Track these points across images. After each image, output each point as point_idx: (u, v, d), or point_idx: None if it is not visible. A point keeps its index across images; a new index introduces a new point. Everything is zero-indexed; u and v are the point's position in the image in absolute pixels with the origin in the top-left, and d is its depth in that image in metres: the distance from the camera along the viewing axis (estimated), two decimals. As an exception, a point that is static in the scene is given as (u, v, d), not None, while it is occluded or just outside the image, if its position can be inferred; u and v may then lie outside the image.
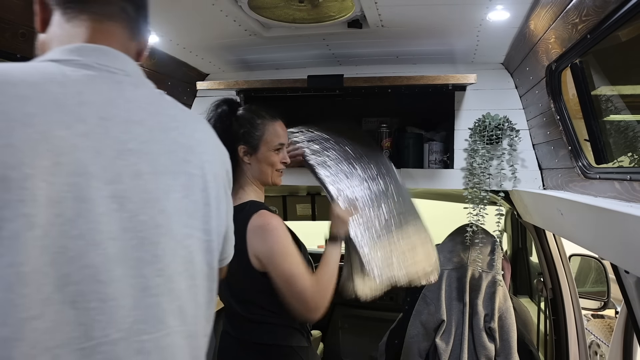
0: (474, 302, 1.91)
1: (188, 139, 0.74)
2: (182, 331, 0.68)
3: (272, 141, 1.45)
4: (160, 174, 0.68)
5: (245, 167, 1.45)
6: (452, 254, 2.03)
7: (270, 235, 1.31)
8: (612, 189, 1.14)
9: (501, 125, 1.84)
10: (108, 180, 0.62)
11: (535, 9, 1.32)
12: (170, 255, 0.67)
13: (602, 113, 1.30)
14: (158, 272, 0.65)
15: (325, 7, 1.47)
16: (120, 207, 0.62)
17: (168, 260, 0.66)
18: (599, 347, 3.11)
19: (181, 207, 0.70)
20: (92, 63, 0.67)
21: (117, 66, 0.69)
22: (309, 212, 3.36)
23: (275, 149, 1.45)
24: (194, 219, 0.72)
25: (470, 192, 1.87)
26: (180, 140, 0.72)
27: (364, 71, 2.07)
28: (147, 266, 0.64)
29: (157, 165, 0.68)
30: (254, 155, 1.44)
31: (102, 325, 0.59)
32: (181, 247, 0.69)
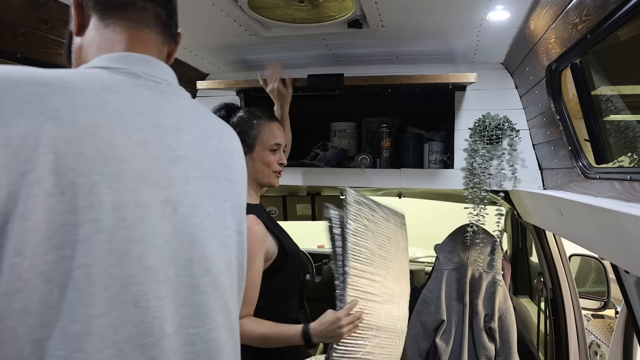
0: (474, 302, 1.91)
1: (227, 145, 0.79)
2: (226, 326, 0.73)
3: (267, 141, 1.45)
4: (205, 179, 0.72)
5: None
6: (452, 254, 2.03)
7: None
8: (612, 189, 1.14)
9: (501, 125, 1.84)
10: (163, 186, 0.66)
11: (535, 9, 1.32)
12: (215, 255, 0.72)
13: (602, 113, 1.30)
14: (205, 271, 0.70)
15: (325, 7, 1.47)
16: (174, 211, 0.67)
17: (214, 260, 0.71)
18: (599, 347, 3.11)
19: (223, 210, 0.75)
20: (139, 72, 0.70)
21: (161, 76, 0.73)
22: (309, 212, 3.36)
23: (271, 149, 1.46)
24: (232, 222, 0.77)
25: (470, 192, 1.87)
26: (221, 147, 0.77)
27: (364, 71, 2.07)
28: (197, 266, 0.69)
29: (202, 171, 0.72)
30: (249, 155, 1.45)
31: (160, 322, 0.63)
32: (223, 247, 0.74)
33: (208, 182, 0.73)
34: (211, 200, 0.73)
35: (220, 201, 0.74)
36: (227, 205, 0.76)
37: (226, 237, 0.75)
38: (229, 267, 0.75)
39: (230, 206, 0.77)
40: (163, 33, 0.78)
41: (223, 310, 0.73)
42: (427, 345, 1.95)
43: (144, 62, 0.72)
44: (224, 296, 0.73)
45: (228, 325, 0.74)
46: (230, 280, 0.75)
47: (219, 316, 0.72)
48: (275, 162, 1.47)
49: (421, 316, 1.97)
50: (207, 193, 0.72)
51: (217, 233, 0.73)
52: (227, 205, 0.76)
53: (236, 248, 0.78)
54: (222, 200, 0.75)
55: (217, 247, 0.72)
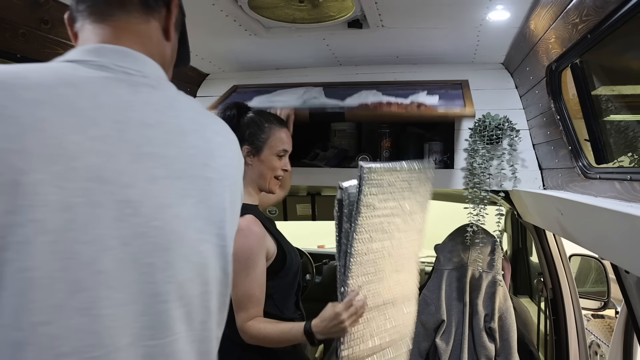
0: (474, 302, 1.91)
1: (207, 142, 0.73)
2: (188, 336, 0.68)
3: (276, 146, 1.46)
4: (176, 178, 0.67)
5: (246, 168, 1.45)
6: (452, 254, 2.03)
7: (243, 238, 1.30)
8: (612, 189, 1.14)
9: (501, 125, 1.84)
10: (122, 184, 0.61)
11: (535, 9, 1.32)
12: (182, 261, 0.66)
13: (602, 113, 1.30)
14: (169, 278, 0.65)
15: (325, 7, 1.47)
16: (135, 212, 0.62)
17: (180, 266, 0.66)
18: (599, 347, 3.11)
19: (196, 212, 0.69)
20: (109, 64, 0.66)
21: (136, 68, 0.68)
22: (309, 212, 3.36)
23: (278, 154, 1.47)
24: (209, 224, 0.71)
25: (470, 192, 1.87)
26: (199, 144, 0.71)
27: (364, 71, 2.08)
28: (159, 272, 0.64)
29: (173, 169, 0.67)
30: (257, 157, 1.46)
31: (114, 332, 0.59)
32: (194, 253, 0.68)
33: (179, 182, 0.67)
34: (181, 201, 0.67)
35: (193, 202, 0.68)
36: (202, 207, 0.70)
37: (200, 242, 0.69)
38: (200, 273, 0.69)
39: (207, 208, 0.70)
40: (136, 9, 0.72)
41: (186, 320, 0.67)
42: (427, 345, 1.95)
43: (117, 54, 0.68)
44: (188, 305, 0.67)
45: (190, 336, 0.68)
46: (201, 289, 0.69)
47: (181, 326, 0.67)
48: (279, 167, 1.48)
49: (421, 316, 1.97)
50: (176, 193, 0.66)
51: (187, 237, 0.67)
52: (202, 207, 0.70)
53: (215, 253, 0.72)
54: (195, 201, 0.69)
55: (185, 252, 0.67)
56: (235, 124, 1.46)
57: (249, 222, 1.35)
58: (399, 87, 1.95)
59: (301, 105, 1.85)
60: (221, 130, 0.79)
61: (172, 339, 0.65)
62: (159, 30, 0.76)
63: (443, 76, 1.99)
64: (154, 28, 0.74)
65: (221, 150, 0.75)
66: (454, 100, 1.79)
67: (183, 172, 0.68)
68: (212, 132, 0.76)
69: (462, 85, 1.90)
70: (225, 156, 0.76)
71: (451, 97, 1.82)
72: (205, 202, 0.70)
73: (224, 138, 0.78)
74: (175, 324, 0.65)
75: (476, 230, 1.90)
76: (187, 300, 0.67)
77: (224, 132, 0.79)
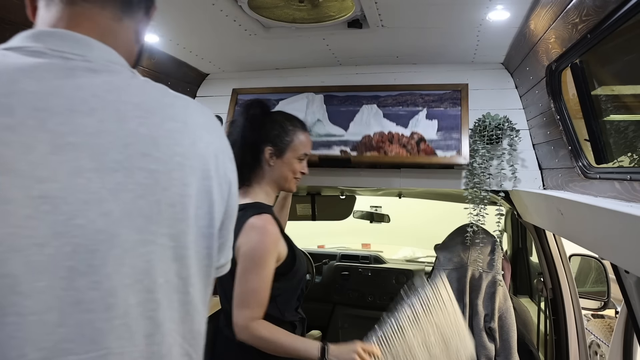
0: (474, 302, 1.91)
1: (153, 129, 0.63)
2: (128, 352, 0.59)
3: (298, 149, 1.49)
4: (109, 171, 0.59)
5: (266, 168, 1.47)
6: (452, 254, 2.03)
7: (256, 236, 1.33)
8: (612, 189, 1.14)
9: (501, 125, 1.84)
10: (39, 178, 0.55)
11: (535, 8, 1.32)
12: (112, 264, 0.58)
13: (602, 113, 1.30)
14: (94, 284, 0.57)
15: (325, 7, 1.47)
16: (53, 209, 0.55)
17: (109, 271, 0.58)
18: (599, 347, 3.11)
19: (135, 209, 0.60)
20: (44, 50, 0.60)
21: (76, 51, 0.62)
22: (309, 212, 3.35)
23: (299, 157, 1.50)
24: (154, 223, 0.62)
25: (470, 192, 1.87)
26: (141, 132, 0.62)
27: (364, 71, 2.08)
28: (81, 277, 0.56)
29: (105, 160, 0.59)
30: (279, 159, 1.47)
31: (19, 345, 0.52)
32: (132, 255, 0.60)
33: (112, 174, 0.59)
34: (114, 196, 0.58)
35: (130, 198, 0.60)
36: (144, 204, 0.61)
37: (142, 243, 0.61)
38: (141, 279, 0.61)
39: (150, 204, 0.61)
40: (114, 7, 0.68)
41: (123, 334, 0.59)
42: (427, 345, 1.94)
43: (56, 38, 0.62)
44: (125, 316, 0.59)
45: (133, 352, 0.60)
46: (142, 297, 0.61)
47: (115, 342, 0.58)
48: (300, 170, 1.51)
49: (421, 316, 1.97)
50: (107, 188, 0.58)
51: (120, 237, 0.59)
52: (144, 204, 0.61)
53: (165, 256, 0.63)
54: (133, 196, 0.60)
55: (118, 254, 0.58)
56: (259, 123, 1.48)
57: (266, 221, 1.36)
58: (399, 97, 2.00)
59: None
60: (177, 115, 0.67)
61: (99, 354, 0.57)
62: (130, 31, 0.71)
63: (443, 76, 1.99)
64: (124, 28, 0.70)
65: (174, 137, 0.65)
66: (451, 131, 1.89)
67: (118, 164, 0.59)
68: (163, 117, 0.65)
69: (462, 94, 1.92)
70: (181, 144, 0.66)
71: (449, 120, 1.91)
72: (148, 198, 0.61)
73: (181, 123, 0.67)
74: (103, 337, 0.57)
75: (476, 230, 1.90)
76: (121, 311, 0.59)
77: (183, 117, 0.68)
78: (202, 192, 0.68)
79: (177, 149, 0.65)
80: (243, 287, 1.31)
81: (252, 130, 1.45)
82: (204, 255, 0.69)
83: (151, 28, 1.62)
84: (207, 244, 0.69)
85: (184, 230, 0.65)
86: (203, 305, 0.71)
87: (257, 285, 1.32)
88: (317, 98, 2.07)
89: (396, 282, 3.11)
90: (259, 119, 1.48)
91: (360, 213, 3.67)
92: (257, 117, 1.48)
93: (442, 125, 1.91)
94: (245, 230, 1.33)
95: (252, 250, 1.32)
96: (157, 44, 1.76)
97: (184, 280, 0.66)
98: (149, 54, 1.79)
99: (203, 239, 0.69)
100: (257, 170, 1.47)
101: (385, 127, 1.97)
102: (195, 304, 0.69)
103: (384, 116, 1.98)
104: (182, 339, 0.66)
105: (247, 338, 1.32)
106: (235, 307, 1.32)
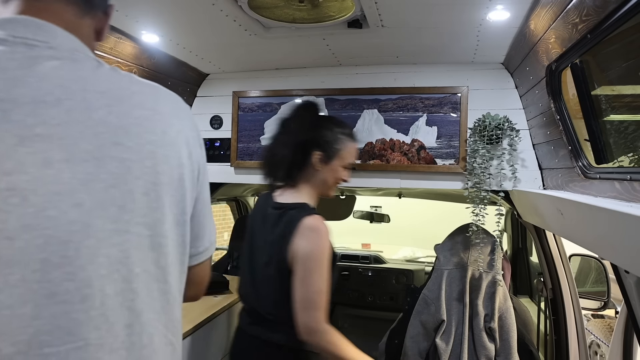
0: (474, 302, 1.91)
1: (122, 118, 0.63)
2: (109, 343, 0.59)
3: (346, 158, 1.51)
4: (80, 161, 0.58)
5: (312, 172, 1.48)
6: (452, 254, 2.03)
7: (317, 238, 1.33)
8: (612, 189, 1.14)
9: (501, 125, 1.84)
10: (6, 170, 0.54)
11: (535, 8, 1.32)
12: (87, 255, 0.58)
13: (602, 113, 1.30)
14: (68, 275, 0.56)
15: (325, 7, 1.47)
16: (23, 201, 0.55)
17: (84, 262, 0.57)
18: (599, 347, 3.11)
19: (107, 199, 0.60)
20: (5, 37, 0.59)
21: (40, 38, 0.61)
22: (309, 212, 3.35)
23: (345, 166, 1.51)
24: (127, 212, 0.61)
25: (470, 192, 1.87)
26: (110, 120, 0.61)
27: (364, 71, 2.08)
28: (55, 269, 0.56)
29: (75, 150, 0.58)
30: (326, 165, 1.48)
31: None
32: (107, 245, 0.60)
33: (83, 165, 0.58)
34: (86, 186, 0.58)
35: (102, 187, 0.59)
36: (116, 193, 0.60)
37: (117, 232, 0.60)
38: (118, 269, 0.60)
39: (123, 193, 0.61)
40: (77, 4, 0.68)
41: (100, 325, 0.58)
42: (427, 345, 1.94)
43: (18, 24, 0.61)
44: (102, 307, 0.58)
45: (113, 343, 0.59)
46: (119, 286, 0.60)
47: (93, 332, 0.57)
48: (343, 177, 1.53)
49: (421, 316, 1.96)
50: (78, 178, 0.58)
51: (94, 227, 0.58)
52: (116, 193, 0.60)
53: (141, 245, 0.63)
54: (105, 186, 0.59)
55: (92, 244, 0.58)
56: (312, 126, 1.49)
57: (321, 222, 1.37)
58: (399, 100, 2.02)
59: None
60: (146, 102, 0.67)
61: (77, 346, 0.57)
62: (91, 29, 0.71)
63: (443, 76, 1.99)
64: (86, 25, 0.70)
65: (144, 125, 0.65)
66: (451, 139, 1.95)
67: (88, 154, 0.59)
68: (132, 105, 0.65)
69: (462, 98, 1.93)
70: (152, 132, 0.65)
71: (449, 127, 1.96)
72: (120, 187, 0.61)
73: (150, 111, 0.66)
74: (80, 328, 0.57)
75: (476, 230, 1.90)
76: (98, 301, 0.58)
77: (151, 104, 0.67)
78: (175, 179, 0.67)
79: (148, 137, 0.65)
80: (309, 289, 1.30)
81: (304, 133, 1.47)
82: (179, 243, 0.69)
83: (151, 28, 1.62)
84: (181, 231, 0.69)
85: (159, 218, 0.65)
86: (179, 293, 0.71)
87: (323, 286, 1.31)
88: (318, 102, 2.08)
89: (396, 282, 3.11)
90: (313, 122, 1.50)
91: (360, 213, 3.67)
92: (311, 120, 1.50)
93: (441, 132, 1.95)
94: (301, 231, 1.33)
95: (314, 252, 1.32)
96: (157, 44, 1.76)
97: (163, 270, 0.66)
98: (149, 54, 1.79)
99: (177, 227, 0.69)
100: (304, 171, 1.48)
101: (386, 134, 2.03)
102: (174, 293, 0.69)
103: (385, 122, 2.03)
104: (164, 328, 0.67)
105: (319, 340, 1.31)
106: (302, 309, 1.30)
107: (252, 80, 2.21)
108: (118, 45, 1.65)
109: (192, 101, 2.28)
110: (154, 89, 0.70)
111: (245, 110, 2.21)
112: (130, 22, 1.55)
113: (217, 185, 2.36)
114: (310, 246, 1.32)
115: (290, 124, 1.50)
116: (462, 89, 1.94)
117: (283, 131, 1.50)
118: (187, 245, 0.72)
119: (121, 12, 1.47)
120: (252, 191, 3.34)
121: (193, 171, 0.71)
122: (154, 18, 1.54)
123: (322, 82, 2.11)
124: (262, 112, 2.19)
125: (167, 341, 0.67)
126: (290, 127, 1.49)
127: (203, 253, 0.78)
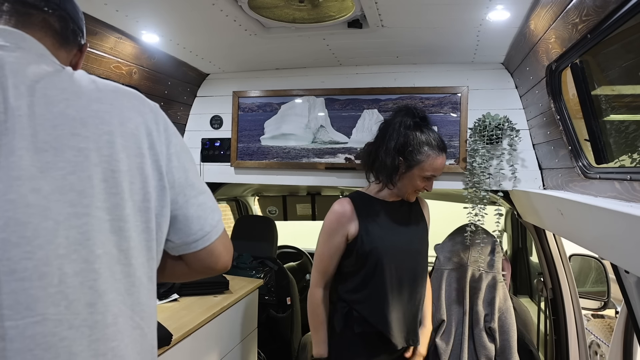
0: (474, 302, 1.91)
1: (80, 111, 0.68)
2: (69, 320, 0.64)
3: (425, 170, 1.54)
4: (37, 151, 0.64)
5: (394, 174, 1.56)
6: (452, 254, 2.03)
7: (328, 214, 1.59)
8: (612, 189, 1.14)
9: (501, 125, 1.84)
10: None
11: (535, 9, 1.32)
12: (45, 236, 0.63)
13: (602, 113, 1.30)
14: (26, 254, 0.62)
15: (325, 7, 1.47)
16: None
17: (41, 241, 0.62)
18: (599, 347, 3.11)
19: (66, 185, 0.65)
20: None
21: (10, 41, 0.68)
22: (309, 212, 3.36)
23: (425, 176, 1.55)
24: (87, 197, 0.66)
25: (470, 192, 1.87)
26: (69, 113, 0.67)
27: (364, 71, 2.08)
28: (13, 248, 0.61)
29: (34, 141, 0.64)
30: (406, 173, 1.54)
31: None
32: (66, 227, 0.64)
33: (42, 154, 0.64)
34: (44, 174, 0.64)
35: (61, 175, 0.65)
36: (75, 179, 0.66)
37: (76, 215, 0.65)
38: (76, 249, 0.65)
39: (82, 180, 0.66)
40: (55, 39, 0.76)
41: (59, 301, 0.63)
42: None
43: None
44: (61, 285, 0.63)
45: (72, 320, 0.64)
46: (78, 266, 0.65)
47: (52, 308, 0.62)
48: (421, 187, 1.58)
49: (421, 316, 1.96)
50: (37, 166, 0.63)
51: (54, 211, 0.64)
52: (75, 179, 0.66)
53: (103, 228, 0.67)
54: (64, 173, 0.65)
55: (50, 226, 0.63)
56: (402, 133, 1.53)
57: (337, 203, 1.59)
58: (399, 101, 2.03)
59: (312, 141, 2.13)
60: (105, 98, 0.72)
61: (35, 320, 0.61)
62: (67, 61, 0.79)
63: (443, 76, 1.99)
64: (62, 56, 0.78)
65: (101, 117, 0.70)
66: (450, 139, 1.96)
67: (46, 144, 0.65)
68: (89, 100, 0.70)
69: (461, 98, 1.93)
70: (108, 123, 0.70)
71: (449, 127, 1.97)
72: (79, 174, 0.66)
73: (108, 105, 0.72)
74: (38, 303, 0.61)
75: (476, 230, 1.90)
76: (57, 278, 0.63)
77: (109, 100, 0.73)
78: (134, 168, 0.72)
79: (105, 128, 0.70)
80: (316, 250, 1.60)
81: (394, 138, 1.53)
82: (142, 229, 0.73)
83: (151, 28, 1.63)
84: (144, 218, 0.73)
85: (118, 203, 0.69)
86: (148, 279, 0.74)
87: (320, 251, 1.59)
88: (318, 102, 2.08)
89: (396, 282, 3.10)
90: (403, 129, 1.53)
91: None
92: (403, 127, 1.54)
93: (441, 132, 1.95)
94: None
95: (323, 224, 1.59)
96: (157, 44, 1.76)
97: (125, 253, 0.70)
98: (149, 54, 1.79)
99: (140, 213, 0.72)
100: (389, 172, 1.54)
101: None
102: (139, 277, 0.72)
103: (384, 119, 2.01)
104: (130, 311, 0.70)
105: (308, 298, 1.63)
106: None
107: (252, 80, 2.21)
108: (118, 45, 1.65)
109: (192, 101, 2.28)
110: (115, 87, 0.76)
111: (245, 110, 2.21)
112: (131, 22, 1.55)
113: (217, 185, 2.36)
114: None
115: (385, 128, 1.58)
116: (462, 89, 1.94)
117: (382, 133, 1.58)
118: (154, 231, 0.75)
119: (121, 12, 1.47)
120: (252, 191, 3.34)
121: (157, 161, 0.76)
122: (154, 18, 1.54)
123: (322, 82, 2.12)
124: (262, 112, 2.19)
125: (134, 324, 0.71)
126: (385, 132, 1.56)
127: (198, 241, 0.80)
